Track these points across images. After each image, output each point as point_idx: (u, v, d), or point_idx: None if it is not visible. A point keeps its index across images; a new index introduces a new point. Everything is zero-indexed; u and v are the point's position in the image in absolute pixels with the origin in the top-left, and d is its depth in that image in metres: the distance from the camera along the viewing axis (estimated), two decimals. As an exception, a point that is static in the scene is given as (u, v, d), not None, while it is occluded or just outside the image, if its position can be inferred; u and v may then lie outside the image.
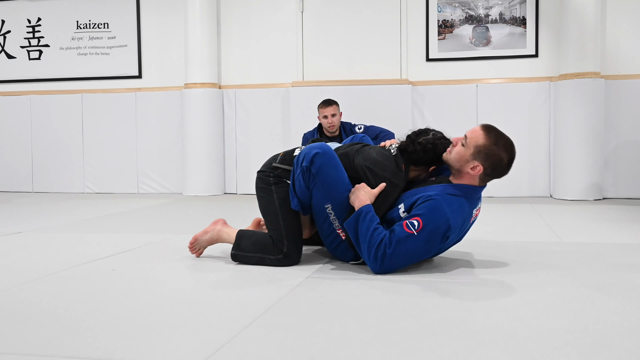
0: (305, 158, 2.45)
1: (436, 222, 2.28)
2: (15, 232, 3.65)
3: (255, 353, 1.51)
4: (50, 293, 2.15)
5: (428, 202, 2.32)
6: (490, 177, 2.42)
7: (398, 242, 2.28)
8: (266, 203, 2.62)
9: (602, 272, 2.40)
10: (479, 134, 2.37)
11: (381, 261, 2.31)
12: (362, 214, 2.35)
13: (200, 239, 2.75)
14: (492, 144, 2.35)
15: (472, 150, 2.36)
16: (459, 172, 2.42)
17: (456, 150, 2.40)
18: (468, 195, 2.40)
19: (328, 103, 4.90)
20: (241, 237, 2.65)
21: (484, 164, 2.36)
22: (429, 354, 1.49)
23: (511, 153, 2.38)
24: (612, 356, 1.46)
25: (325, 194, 2.46)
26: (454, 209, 2.32)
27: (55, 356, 1.52)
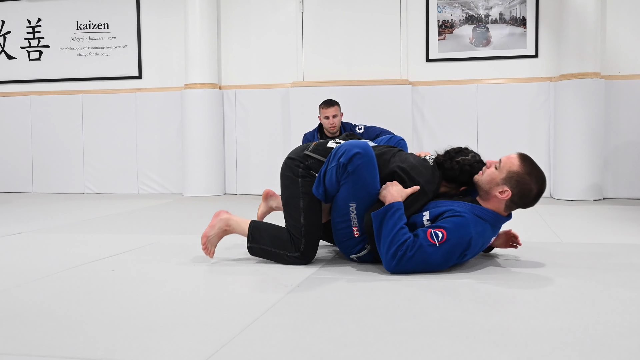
0: (345, 154, 2.42)
1: (460, 238, 2.30)
2: (15, 232, 3.65)
3: (255, 353, 1.51)
4: (50, 293, 2.15)
5: (456, 218, 2.33)
6: (516, 206, 2.44)
7: (420, 248, 2.29)
8: (290, 194, 2.56)
9: (602, 272, 2.40)
10: (514, 161, 2.41)
11: (398, 261, 2.30)
12: (393, 209, 2.34)
13: (210, 235, 2.65)
14: (526, 172, 2.39)
15: (505, 174, 2.40)
16: (487, 194, 2.45)
17: (488, 173, 2.44)
18: (493, 223, 2.43)
19: (330, 104, 4.89)
20: (255, 228, 2.59)
21: (514, 190, 2.39)
22: (428, 354, 1.49)
23: (541, 186, 2.41)
24: (612, 356, 1.46)
25: (354, 194, 2.45)
26: (478, 231, 2.35)
27: (55, 357, 1.52)
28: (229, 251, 2.93)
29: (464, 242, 2.30)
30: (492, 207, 2.44)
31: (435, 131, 5.75)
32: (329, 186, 2.48)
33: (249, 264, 2.61)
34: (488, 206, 2.44)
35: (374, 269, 2.50)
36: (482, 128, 5.68)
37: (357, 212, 2.47)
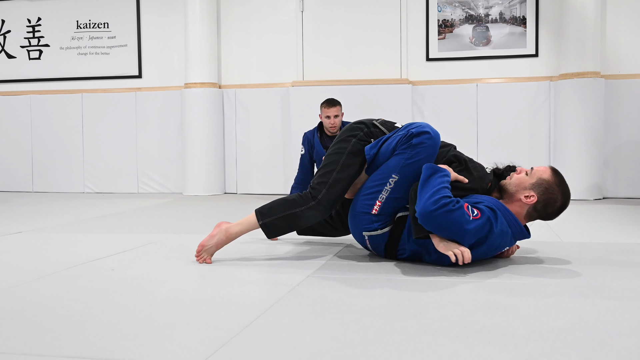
0: (417, 127, 2.48)
1: (490, 224, 2.32)
2: (15, 232, 3.65)
3: (255, 353, 1.51)
4: (50, 293, 2.15)
5: (492, 205, 2.38)
6: (537, 214, 2.47)
7: (460, 209, 2.27)
8: (336, 150, 2.57)
9: (602, 271, 2.40)
10: (546, 170, 2.49)
11: (440, 207, 2.23)
12: (444, 172, 2.38)
13: (208, 245, 2.59)
14: (555, 183, 2.44)
15: (535, 180, 2.45)
16: (511, 197, 2.48)
17: (518, 177, 2.49)
18: (514, 233, 2.44)
19: (332, 103, 4.89)
20: (262, 208, 2.57)
21: (540, 197, 2.43)
22: (428, 353, 1.49)
23: (566, 200, 2.46)
24: (612, 356, 1.46)
25: (404, 166, 2.46)
26: (503, 230, 2.37)
27: (55, 356, 1.52)
28: (229, 251, 2.93)
29: (487, 230, 2.31)
30: (515, 211, 2.47)
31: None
32: (383, 152, 2.51)
33: (249, 264, 2.61)
34: (511, 210, 2.46)
35: (374, 268, 2.50)
36: (482, 127, 5.68)
37: (394, 186, 2.47)
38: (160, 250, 2.96)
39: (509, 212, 2.43)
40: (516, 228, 2.43)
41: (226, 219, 3.82)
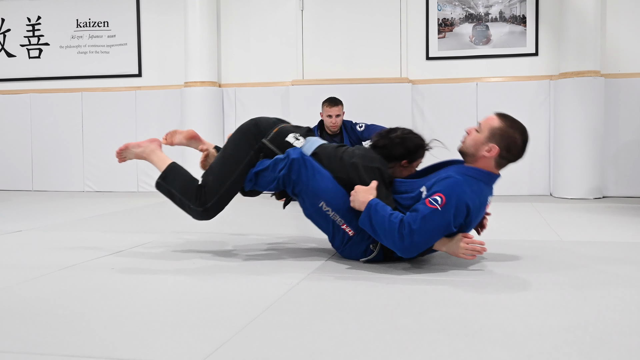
0: (284, 168, 2.50)
1: (458, 196, 2.29)
2: (15, 230, 3.65)
3: (255, 351, 1.51)
4: (49, 291, 2.15)
5: (447, 180, 2.34)
6: (505, 160, 2.45)
7: (424, 219, 2.26)
8: (234, 155, 2.59)
9: (602, 270, 2.40)
10: (493, 119, 2.44)
11: (409, 238, 2.25)
12: (372, 206, 2.34)
13: (131, 150, 2.80)
14: (507, 126, 2.41)
15: (487, 133, 2.41)
16: (474, 157, 2.45)
17: (471, 137, 2.46)
18: (485, 181, 2.43)
19: (334, 103, 4.88)
20: (171, 169, 2.63)
21: (500, 144, 2.40)
22: (428, 352, 1.49)
23: (525, 135, 2.43)
24: (612, 355, 1.46)
25: (313, 193, 2.49)
26: (473, 189, 2.35)
27: (55, 354, 1.52)
28: (229, 250, 2.93)
29: (462, 201, 2.29)
30: (482, 167, 2.45)
31: (435, 129, 5.74)
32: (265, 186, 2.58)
33: (249, 263, 2.61)
34: (479, 167, 2.45)
35: (374, 267, 2.50)
36: (482, 126, 5.68)
37: (331, 206, 2.49)
38: (160, 249, 2.96)
39: (467, 168, 2.43)
40: (483, 176, 2.42)
41: (226, 218, 3.82)
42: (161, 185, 2.64)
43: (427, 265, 2.52)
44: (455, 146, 2.60)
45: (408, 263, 2.57)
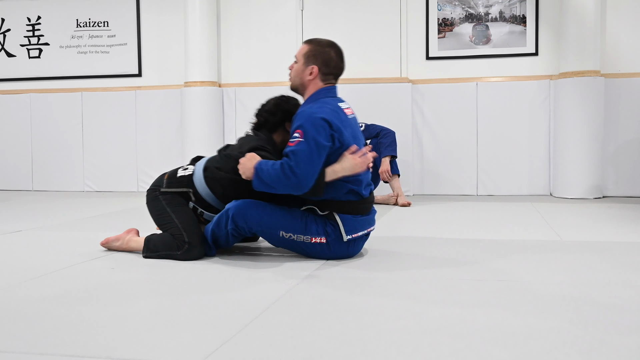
0: (227, 222, 2.58)
1: (308, 118, 2.44)
2: (15, 230, 3.65)
3: (254, 351, 1.51)
4: (50, 291, 2.15)
5: (296, 116, 2.55)
6: (330, 75, 2.63)
7: (294, 153, 2.41)
8: (156, 209, 2.78)
9: (602, 270, 2.40)
10: (302, 47, 2.67)
11: (292, 174, 2.39)
12: (257, 168, 2.47)
13: (111, 244, 2.90)
14: (315, 45, 2.63)
15: (302, 60, 2.63)
16: (303, 86, 2.64)
17: (293, 71, 2.66)
18: (325, 95, 2.60)
19: None
20: (149, 240, 2.75)
21: (316, 63, 2.59)
22: (428, 352, 1.49)
23: (335, 47, 2.64)
24: (612, 355, 1.46)
25: (269, 227, 2.56)
26: (321, 108, 2.49)
27: (55, 354, 1.52)
28: (228, 250, 2.93)
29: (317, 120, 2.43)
30: (314, 90, 2.61)
31: (435, 129, 5.75)
32: (227, 244, 2.69)
33: (249, 262, 2.61)
34: (312, 92, 2.62)
35: (373, 267, 2.50)
36: (482, 126, 5.68)
37: (292, 231, 2.56)
38: (160, 249, 2.96)
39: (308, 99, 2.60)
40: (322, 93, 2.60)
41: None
42: (149, 256, 2.74)
43: (426, 265, 2.52)
44: (456, 146, 2.61)
45: (407, 263, 2.57)
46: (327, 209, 2.55)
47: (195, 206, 2.76)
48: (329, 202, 2.55)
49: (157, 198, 2.79)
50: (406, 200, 4.78)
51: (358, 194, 2.57)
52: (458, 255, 2.74)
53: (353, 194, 2.56)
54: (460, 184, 5.70)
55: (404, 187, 5.47)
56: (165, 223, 2.73)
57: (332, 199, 2.54)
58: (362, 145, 2.65)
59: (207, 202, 2.75)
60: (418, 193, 5.76)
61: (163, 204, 2.76)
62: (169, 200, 2.76)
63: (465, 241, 3.10)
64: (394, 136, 4.88)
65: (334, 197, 2.54)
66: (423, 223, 3.84)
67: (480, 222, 3.84)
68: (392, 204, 4.83)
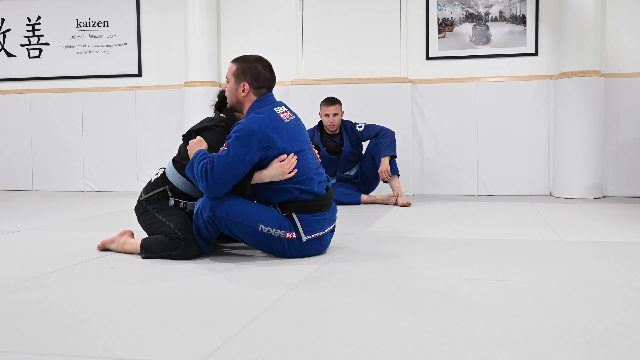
0: (203, 210, 2.60)
1: (238, 133, 2.52)
2: (15, 230, 3.65)
3: (254, 351, 1.51)
4: (50, 291, 2.15)
5: (234, 127, 2.59)
6: (260, 86, 2.69)
7: (215, 160, 2.50)
8: (147, 220, 2.83)
9: (602, 270, 2.40)
10: (230, 66, 2.72)
11: (205, 178, 2.49)
12: (195, 156, 2.59)
13: (107, 246, 2.92)
14: (242, 62, 2.70)
15: (233, 79, 2.70)
16: (240, 104, 2.72)
17: (226, 92, 2.74)
18: (260, 106, 2.66)
19: (331, 102, 4.90)
20: (144, 243, 2.76)
21: (247, 79, 2.67)
22: (428, 352, 1.49)
23: (262, 61, 2.71)
24: (612, 355, 1.46)
25: (250, 220, 2.57)
26: (248, 120, 2.58)
27: (55, 354, 1.52)
28: (228, 249, 2.93)
29: (244, 131, 2.51)
30: (249, 104, 2.69)
31: (435, 129, 5.75)
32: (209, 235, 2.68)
33: (249, 262, 2.61)
34: (248, 107, 2.70)
35: (373, 267, 2.50)
36: (482, 126, 5.68)
37: (272, 225, 2.58)
38: (160, 249, 2.96)
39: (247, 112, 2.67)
40: (256, 106, 2.65)
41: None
42: (146, 257, 2.74)
43: (427, 265, 2.52)
44: (456, 146, 2.61)
45: (407, 263, 2.57)
46: (287, 210, 2.62)
47: (177, 200, 2.82)
48: (287, 203, 2.62)
49: (146, 210, 2.85)
50: (406, 200, 4.78)
51: (312, 193, 2.64)
52: (458, 255, 2.74)
53: (307, 193, 2.63)
54: (460, 184, 5.70)
55: (404, 187, 5.47)
56: (158, 228, 2.75)
57: (288, 200, 2.62)
58: (303, 145, 2.68)
59: (186, 193, 2.83)
60: (418, 193, 5.76)
61: (153, 213, 2.81)
62: (158, 208, 2.81)
63: (465, 241, 3.10)
64: (393, 136, 4.88)
65: (290, 198, 2.62)
66: (423, 223, 3.84)
67: (480, 222, 3.84)
68: (392, 204, 4.83)
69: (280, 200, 2.63)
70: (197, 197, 2.83)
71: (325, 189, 2.72)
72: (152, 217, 2.81)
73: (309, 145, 2.76)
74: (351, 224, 3.74)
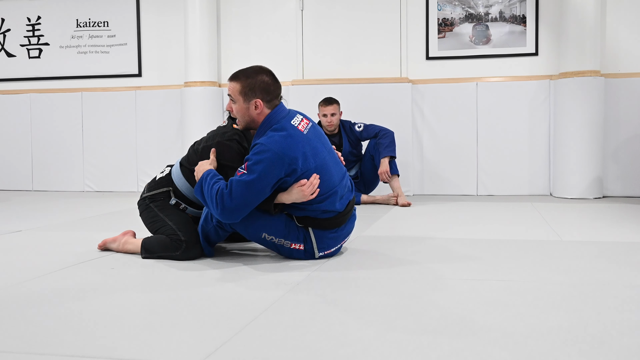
0: (213, 217, 2.58)
1: (260, 156, 2.37)
2: (15, 230, 3.65)
3: (255, 351, 1.51)
4: (50, 291, 2.15)
5: (254, 148, 2.44)
6: (271, 99, 2.53)
7: (232, 183, 2.38)
8: (149, 217, 2.82)
9: (601, 270, 2.40)
10: (232, 85, 2.53)
11: (222, 203, 2.38)
12: (205, 177, 2.48)
13: (108, 246, 2.91)
14: (245, 78, 2.51)
15: (240, 98, 2.52)
16: (255, 122, 2.54)
17: (236, 112, 2.55)
18: (277, 121, 2.50)
19: (329, 102, 4.91)
20: (144, 243, 2.76)
21: (257, 95, 2.50)
22: (428, 352, 1.49)
23: (265, 70, 2.54)
24: (612, 354, 1.46)
25: (254, 228, 2.54)
26: (270, 139, 2.41)
27: (56, 354, 1.52)
28: (228, 250, 2.93)
29: (267, 155, 2.36)
30: (263, 118, 2.52)
31: (435, 129, 5.74)
32: (218, 238, 2.69)
33: (249, 263, 2.61)
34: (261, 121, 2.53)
35: (373, 267, 2.50)
36: (482, 126, 5.68)
37: (274, 234, 2.56)
38: (160, 249, 2.96)
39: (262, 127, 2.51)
40: (273, 120, 2.50)
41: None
42: (147, 257, 2.74)
43: (427, 265, 2.52)
44: (456, 146, 2.61)
45: (407, 263, 2.57)
46: (304, 222, 2.58)
47: (178, 201, 2.81)
48: (306, 218, 2.58)
49: (149, 207, 2.83)
50: (406, 201, 4.78)
51: (334, 211, 2.57)
52: (458, 255, 2.74)
53: (329, 212, 2.56)
54: (460, 184, 5.70)
55: (404, 187, 5.47)
56: (160, 227, 2.75)
57: (308, 216, 2.57)
58: (324, 154, 2.56)
59: (188, 198, 2.80)
60: (418, 193, 5.76)
61: (155, 210, 2.80)
62: (160, 206, 2.79)
63: (465, 241, 3.10)
64: (392, 136, 4.88)
65: (310, 215, 2.56)
66: (423, 223, 3.84)
67: (480, 222, 3.84)
68: (392, 204, 4.83)
69: (299, 215, 2.57)
70: (198, 204, 2.81)
71: (346, 203, 2.63)
72: (154, 214, 2.80)
73: (332, 152, 2.64)
74: (351, 224, 3.74)
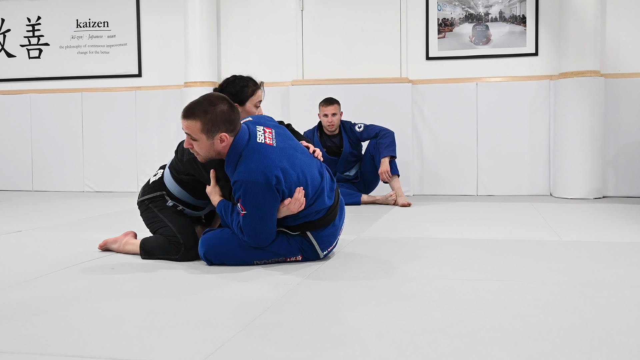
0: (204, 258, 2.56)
1: (247, 193, 2.34)
2: (15, 230, 3.65)
3: (254, 352, 1.51)
4: (50, 292, 2.15)
5: (235, 185, 2.37)
6: (235, 127, 2.41)
7: (241, 227, 2.43)
8: (149, 217, 2.82)
9: (601, 270, 2.40)
10: (189, 123, 2.37)
11: (244, 233, 2.43)
12: (221, 213, 2.52)
13: (109, 246, 2.92)
14: (205, 114, 2.35)
15: (203, 135, 2.37)
16: (219, 154, 2.44)
17: (198, 150, 2.42)
18: (242, 146, 2.40)
19: (329, 102, 4.91)
20: (143, 244, 2.76)
21: (221, 128, 2.36)
22: (428, 352, 1.49)
23: (219, 98, 2.40)
24: (612, 354, 1.46)
25: (244, 261, 2.54)
26: (250, 170, 2.33)
27: (55, 355, 1.52)
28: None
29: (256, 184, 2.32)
30: (233, 146, 2.41)
31: (435, 129, 5.74)
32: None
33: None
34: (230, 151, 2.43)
35: (373, 267, 2.50)
36: (482, 126, 5.68)
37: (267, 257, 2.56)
38: (160, 249, 2.96)
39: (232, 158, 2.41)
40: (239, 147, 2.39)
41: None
42: (146, 257, 2.74)
43: (426, 265, 2.52)
44: (456, 146, 2.60)
45: (407, 263, 2.57)
46: (299, 229, 2.56)
47: (175, 203, 2.80)
48: (301, 225, 2.56)
49: (149, 207, 2.82)
50: (406, 201, 4.78)
51: (325, 207, 2.56)
52: (458, 255, 2.74)
53: (322, 210, 2.55)
54: (460, 184, 5.70)
55: (404, 187, 5.47)
56: (159, 228, 2.75)
57: (302, 222, 2.55)
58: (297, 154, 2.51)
59: (183, 200, 2.79)
60: (418, 193, 5.76)
61: (155, 211, 2.79)
62: (160, 207, 2.79)
63: (465, 241, 3.10)
64: (393, 136, 4.88)
65: (304, 219, 2.54)
66: (423, 223, 3.84)
67: (480, 222, 3.84)
68: (392, 204, 4.83)
69: (297, 223, 2.54)
70: (194, 204, 2.81)
71: (333, 195, 2.62)
72: (154, 215, 2.80)
73: (303, 150, 2.58)
74: (351, 224, 3.74)
